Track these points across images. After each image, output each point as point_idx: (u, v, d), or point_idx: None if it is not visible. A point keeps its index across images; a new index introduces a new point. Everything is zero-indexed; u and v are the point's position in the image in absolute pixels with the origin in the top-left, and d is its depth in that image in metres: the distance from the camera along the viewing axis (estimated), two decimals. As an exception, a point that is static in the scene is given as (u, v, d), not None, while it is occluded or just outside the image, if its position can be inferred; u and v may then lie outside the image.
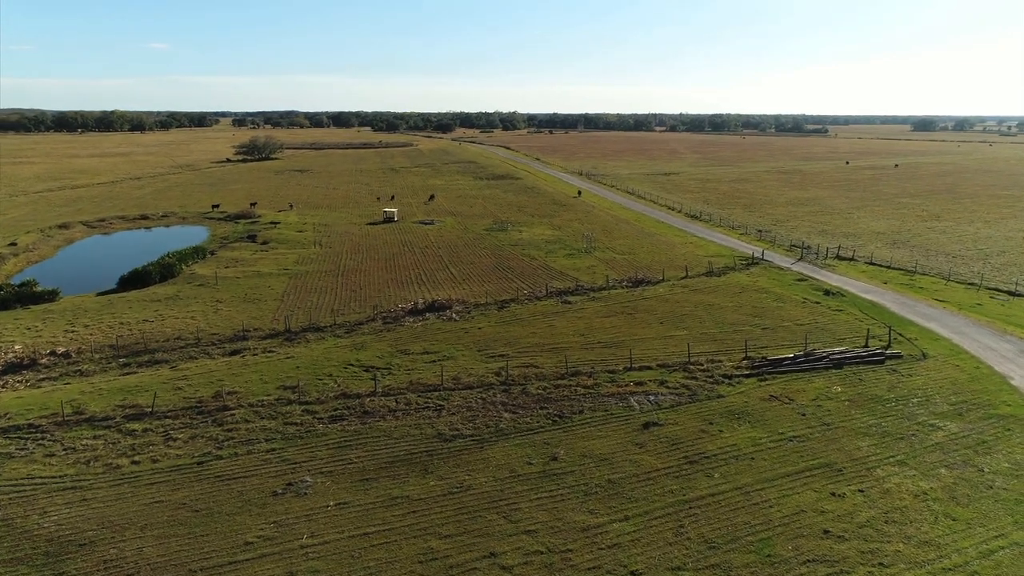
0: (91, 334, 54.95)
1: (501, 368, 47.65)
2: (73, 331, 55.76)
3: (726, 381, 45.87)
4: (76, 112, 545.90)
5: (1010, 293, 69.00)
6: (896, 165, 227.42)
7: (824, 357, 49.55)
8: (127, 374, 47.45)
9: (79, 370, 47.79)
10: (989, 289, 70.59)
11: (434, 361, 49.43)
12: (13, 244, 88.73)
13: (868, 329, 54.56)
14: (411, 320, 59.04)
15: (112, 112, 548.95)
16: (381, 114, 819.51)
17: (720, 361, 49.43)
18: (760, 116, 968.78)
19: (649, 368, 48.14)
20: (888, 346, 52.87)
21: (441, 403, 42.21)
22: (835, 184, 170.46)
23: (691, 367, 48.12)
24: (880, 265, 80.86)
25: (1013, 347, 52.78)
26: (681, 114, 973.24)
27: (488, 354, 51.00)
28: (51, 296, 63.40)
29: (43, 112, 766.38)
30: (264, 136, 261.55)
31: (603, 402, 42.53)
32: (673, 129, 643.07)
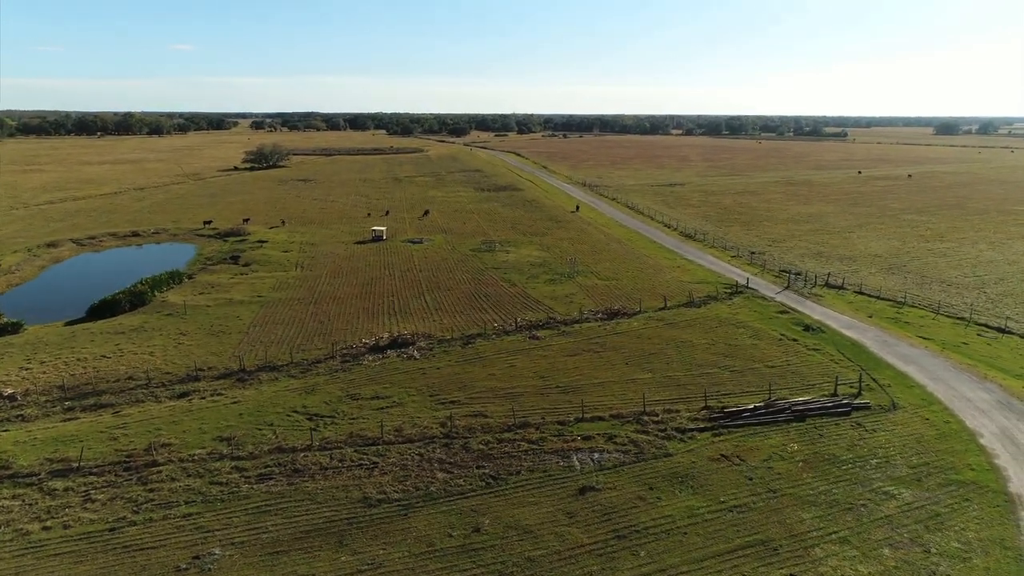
0: (44, 372, 54.37)
1: (448, 418, 46.28)
2: (28, 368, 55.22)
3: (678, 436, 44.08)
4: (96, 116, 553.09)
5: (999, 330, 66.29)
6: (909, 175, 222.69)
7: (786, 408, 47.58)
8: (68, 420, 46.71)
9: (21, 415, 47.12)
10: (978, 325, 67.89)
11: (382, 408, 48.17)
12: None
13: (837, 376, 52.39)
14: (371, 358, 57.83)
15: (131, 115, 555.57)
16: (398, 116, 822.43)
17: (678, 411, 47.66)
18: (780, 117, 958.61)
19: (602, 419, 46.48)
20: (858, 394, 50.74)
21: (376, 460, 40.94)
22: (842, 198, 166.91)
23: (645, 418, 46.40)
24: (869, 295, 78.29)
25: (990, 397, 50.39)
26: (699, 116, 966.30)
27: (439, 400, 49.63)
28: (15, 328, 63.05)
29: (67, 115, 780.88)
30: (272, 144, 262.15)
31: (544, 461, 40.97)
32: (689, 132, 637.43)
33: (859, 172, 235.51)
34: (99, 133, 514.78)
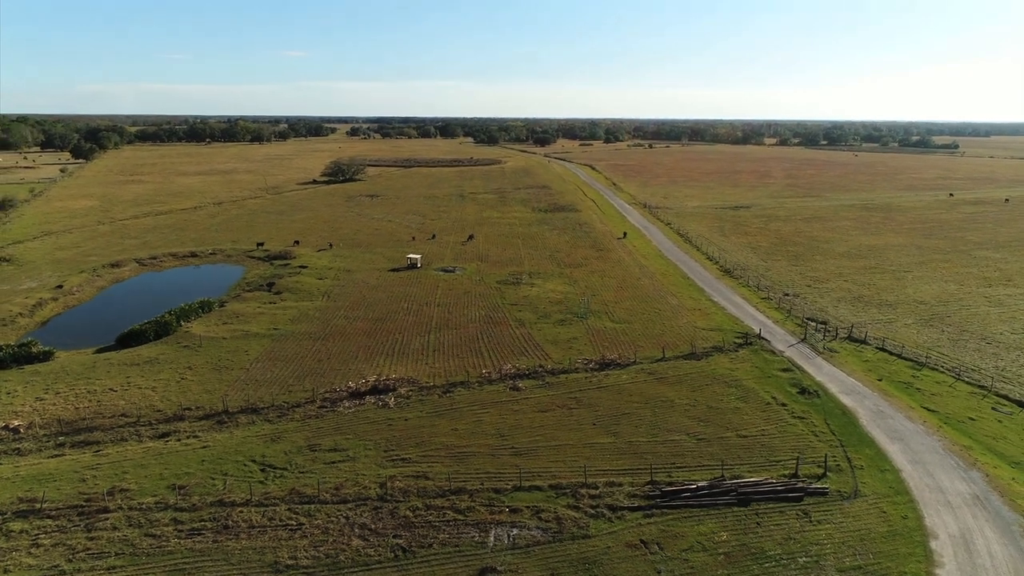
0: (55, 404, 59.67)
1: (391, 477, 47.68)
2: (43, 399, 60.75)
3: (607, 515, 43.69)
4: (204, 123, 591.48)
5: (1020, 403, 61.23)
6: (1006, 200, 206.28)
7: (731, 490, 46.11)
8: (55, 456, 51.24)
9: (17, 448, 52.07)
10: (998, 396, 62.94)
11: (334, 463, 50.12)
12: (59, 287, 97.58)
13: (799, 456, 50.10)
14: (347, 404, 60.06)
15: (236, 123, 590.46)
16: (487, 123, 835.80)
17: (620, 485, 47.12)
18: (888, 124, 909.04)
19: (539, 489, 46.62)
20: (823, 475, 48.48)
21: (304, 520, 42.83)
22: (917, 227, 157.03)
23: (583, 491, 46.19)
24: (890, 352, 73.85)
25: (969, 489, 46.93)
26: (799, 122, 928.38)
27: (391, 457, 51.08)
28: (45, 356, 69.27)
29: (185, 119, 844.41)
30: (349, 158, 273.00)
31: (461, 534, 41.64)
32: (784, 142, 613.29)
33: (950, 194, 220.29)
34: (207, 140, 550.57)
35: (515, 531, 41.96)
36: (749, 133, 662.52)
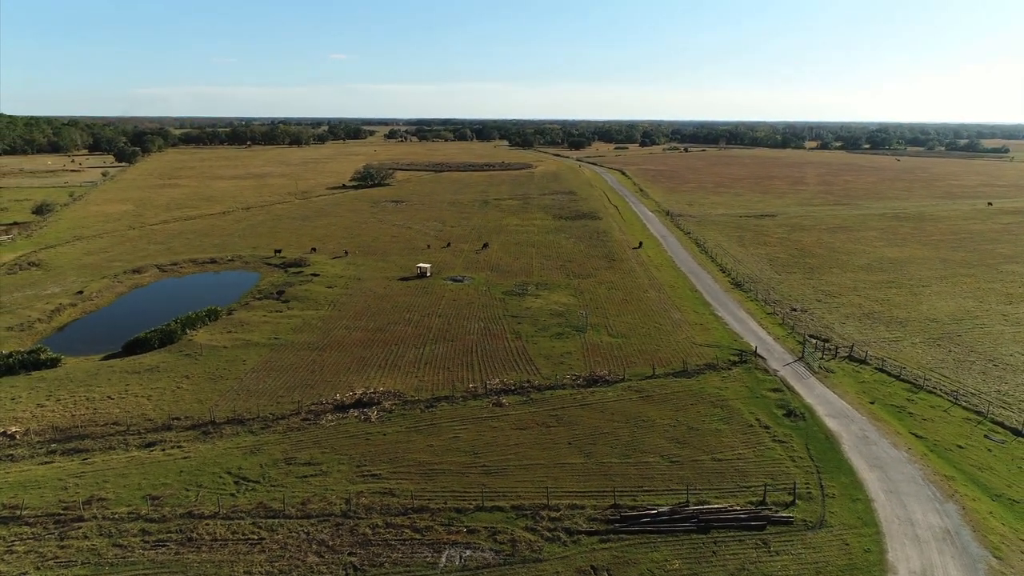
0: (53, 411, 62.19)
1: (358, 494, 48.58)
2: (44, 405, 63.35)
3: (563, 539, 43.85)
4: (246, 126, 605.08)
5: (1015, 432, 59.34)
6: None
7: (691, 517, 45.82)
8: (44, 463, 53.47)
9: (10, 455, 54.45)
10: (994, 423, 61.09)
11: (305, 477, 51.26)
12: (80, 293, 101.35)
13: (767, 485, 49.45)
14: (330, 417, 61.26)
15: (277, 126, 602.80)
16: (524, 125, 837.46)
17: (582, 508, 47.20)
18: (937, 126, 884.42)
19: (501, 510, 47.00)
20: (791, 503, 47.84)
21: (265, 535, 43.96)
22: (946, 239, 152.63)
23: (543, 513, 46.39)
24: (889, 373, 72.18)
25: (940, 523, 45.79)
26: (843, 125, 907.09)
27: (362, 472, 52.01)
28: (53, 363, 72.12)
29: (230, 122, 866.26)
30: (379, 163, 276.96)
31: (415, 554, 42.28)
32: (825, 146, 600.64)
33: (989, 203, 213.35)
34: (248, 143, 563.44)
35: (468, 552, 42.43)
36: (789, 136, 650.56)
